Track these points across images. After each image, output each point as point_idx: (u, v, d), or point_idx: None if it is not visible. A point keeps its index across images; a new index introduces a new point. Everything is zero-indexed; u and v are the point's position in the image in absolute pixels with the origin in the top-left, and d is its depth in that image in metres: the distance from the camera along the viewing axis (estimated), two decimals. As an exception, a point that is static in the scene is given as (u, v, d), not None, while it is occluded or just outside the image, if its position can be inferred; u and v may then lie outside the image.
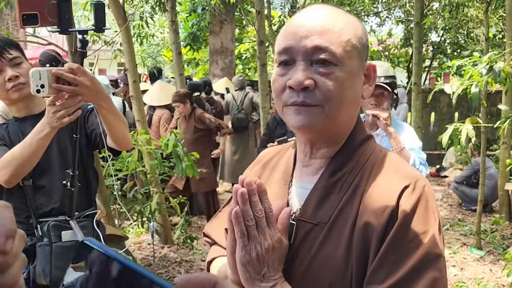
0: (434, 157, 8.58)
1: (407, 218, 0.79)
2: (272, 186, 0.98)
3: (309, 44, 0.82)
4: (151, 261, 4.02)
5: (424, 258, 0.77)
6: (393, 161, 0.90)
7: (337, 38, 0.82)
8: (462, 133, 3.26)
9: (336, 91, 0.82)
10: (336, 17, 0.85)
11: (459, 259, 4.40)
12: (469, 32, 9.88)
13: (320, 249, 0.85)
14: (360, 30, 0.87)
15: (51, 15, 1.53)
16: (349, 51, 0.83)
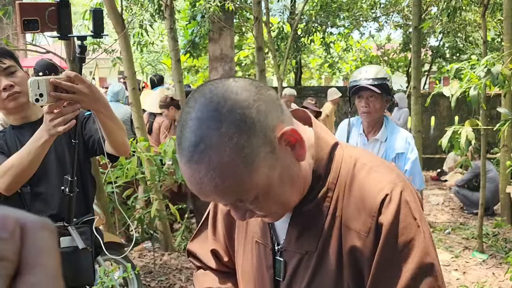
0: (435, 161, 8.57)
1: (391, 233, 0.77)
2: (253, 219, 0.93)
3: (221, 203, 0.79)
4: (151, 269, 4.00)
5: (417, 269, 0.76)
6: (365, 169, 0.83)
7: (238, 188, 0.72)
8: (461, 135, 3.25)
9: (272, 209, 0.79)
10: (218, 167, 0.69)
11: (462, 263, 4.38)
12: (468, 36, 9.90)
13: (313, 278, 0.83)
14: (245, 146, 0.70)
15: (51, 21, 1.54)
16: (257, 181, 0.72)
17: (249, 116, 0.70)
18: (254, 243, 0.93)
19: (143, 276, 3.80)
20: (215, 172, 0.69)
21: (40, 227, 0.27)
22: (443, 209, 6.30)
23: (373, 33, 11.27)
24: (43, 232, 0.27)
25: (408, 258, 0.77)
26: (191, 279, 3.85)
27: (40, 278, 0.25)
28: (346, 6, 9.40)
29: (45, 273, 0.26)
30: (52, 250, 0.27)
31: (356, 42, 12.53)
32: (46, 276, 0.26)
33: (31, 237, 0.26)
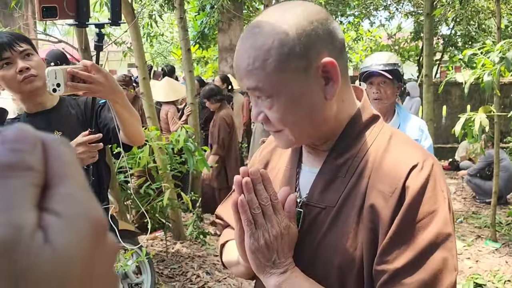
0: (446, 150, 8.49)
1: (416, 198, 0.78)
2: (281, 170, 0.99)
3: (245, 87, 0.85)
4: (164, 257, 4.04)
5: (434, 238, 0.77)
6: (400, 142, 0.88)
7: (261, 74, 0.80)
8: (475, 122, 3.22)
9: (283, 119, 0.84)
10: (257, 48, 0.80)
11: (474, 251, 4.35)
12: (480, 23, 9.75)
13: (327, 233, 0.86)
14: (287, 46, 0.79)
15: (70, 8, 1.54)
16: (279, 79, 0.80)
17: (306, 27, 0.79)
18: None
19: (155, 264, 3.84)
20: (254, 51, 0.80)
21: (60, 143, 0.27)
22: (455, 198, 6.25)
23: (383, 22, 11.14)
24: (64, 147, 0.27)
25: (428, 226, 0.78)
26: (203, 266, 3.88)
27: (70, 189, 0.26)
28: (357, -5, 9.30)
29: (74, 183, 0.26)
30: (76, 163, 0.27)
31: (367, 31, 12.40)
32: (76, 187, 0.26)
33: (53, 151, 0.26)
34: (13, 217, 0.23)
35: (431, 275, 0.76)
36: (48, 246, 0.23)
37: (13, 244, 0.22)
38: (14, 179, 0.24)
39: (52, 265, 0.23)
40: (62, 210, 0.25)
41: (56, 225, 0.24)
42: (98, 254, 0.26)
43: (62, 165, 0.26)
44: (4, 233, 0.22)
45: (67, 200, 0.25)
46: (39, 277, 0.23)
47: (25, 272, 0.22)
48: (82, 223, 0.25)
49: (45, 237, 0.23)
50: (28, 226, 0.23)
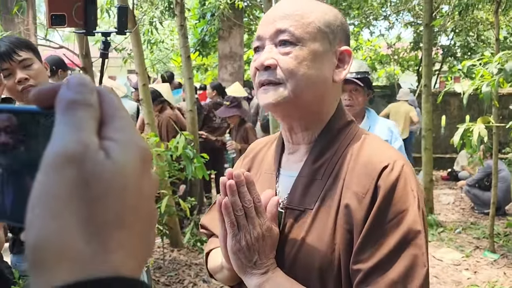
0: (445, 160, 8.50)
1: (387, 198, 0.82)
2: (261, 177, 1.02)
3: (273, 29, 0.88)
4: (161, 264, 4.02)
5: (405, 236, 0.80)
6: (373, 144, 0.92)
7: (298, 21, 0.88)
8: (473, 132, 3.22)
9: (295, 68, 0.86)
10: (304, 3, 0.91)
11: (472, 262, 4.33)
12: (479, 34, 9.81)
13: (307, 235, 0.88)
14: (330, 16, 0.91)
15: (78, 17, 1.56)
16: (311, 32, 0.88)
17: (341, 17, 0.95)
18: None
19: (152, 271, 3.82)
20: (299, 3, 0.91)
21: (110, 91, 0.33)
22: (453, 208, 6.25)
23: (383, 32, 11.20)
24: (113, 95, 0.33)
25: (399, 225, 0.81)
26: (200, 274, 3.86)
27: (121, 123, 0.31)
28: (357, 4, 9.35)
29: (124, 120, 0.32)
30: (123, 107, 0.33)
31: (367, 41, 12.46)
32: (126, 122, 0.32)
33: (106, 96, 0.32)
34: (82, 137, 0.29)
35: (403, 272, 0.79)
36: (109, 160, 0.29)
37: (83, 155, 0.28)
38: (80, 111, 0.30)
39: (113, 174, 0.29)
40: (117, 137, 0.30)
41: (114, 147, 0.30)
42: (145, 176, 0.31)
43: (113, 107, 0.32)
44: (76, 148, 0.28)
45: (120, 131, 0.31)
46: (104, 181, 0.28)
47: (93, 177, 0.28)
48: (134, 148, 0.31)
49: (106, 154, 0.29)
50: (93, 145, 0.29)
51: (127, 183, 0.29)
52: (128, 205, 0.29)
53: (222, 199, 0.84)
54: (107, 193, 0.28)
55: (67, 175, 0.28)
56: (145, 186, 0.31)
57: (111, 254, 0.28)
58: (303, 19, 0.88)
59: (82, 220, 0.28)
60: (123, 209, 0.29)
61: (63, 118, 0.29)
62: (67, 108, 0.30)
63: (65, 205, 0.27)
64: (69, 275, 0.27)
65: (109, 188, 0.28)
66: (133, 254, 0.30)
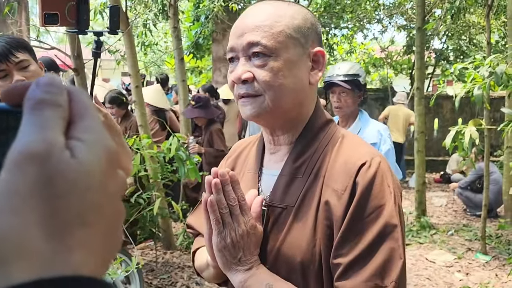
0: (438, 163, 8.55)
1: (365, 194, 0.85)
2: (245, 176, 1.05)
3: (244, 41, 0.88)
4: (153, 267, 4.00)
5: (382, 230, 0.83)
6: (352, 142, 0.95)
7: (268, 31, 0.87)
8: (465, 135, 3.24)
9: (272, 80, 0.87)
10: (271, 11, 0.90)
11: (465, 264, 4.36)
12: (472, 38, 9.88)
13: (289, 231, 0.91)
14: (299, 20, 0.91)
15: (70, 16, 1.56)
16: (283, 41, 0.88)
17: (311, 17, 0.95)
18: None
19: (145, 274, 3.80)
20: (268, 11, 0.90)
21: (81, 91, 0.33)
22: (446, 210, 6.28)
23: (376, 35, 11.25)
24: (84, 95, 0.33)
25: (376, 219, 0.84)
26: (194, 277, 3.85)
27: (90, 123, 0.31)
28: (350, 8, 9.39)
29: (93, 120, 0.32)
30: (94, 107, 0.33)
31: (360, 44, 12.51)
32: (94, 122, 0.32)
33: (76, 96, 0.32)
34: (47, 136, 0.29)
35: (381, 265, 0.82)
36: (74, 160, 0.29)
37: (47, 155, 0.28)
38: (47, 111, 0.30)
39: (78, 174, 0.29)
40: (84, 137, 0.31)
41: (80, 147, 0.30)
42: (111, 176, 0.31)
43: (83, 107, 0.32)
44: (40, 146, 0.28)
45: (88, 131, 0.31)
46: (67, 180, 0.28)
47: (56, 176, 0.28)
48: (100, 148, 0.31)
49: (72, 154, 0.29)
50: (58, 144, 0.29)
51: (92, 182, 0.30)
52: (91, 204, 0.29)
53: (207, 197, 0.86)
54: (70, 191, 0.28)
55: (29, 172, 0.28)
56: (110, 186, 0.31)
57: (71, 253, 0.28)
58: (273, 29, 0.88)
59: (42, 218, 0.27)
60: (86, 208, 0.29)
61: (29, 117, 0.30)
62: (34, 107, 0.30)
63: (26, 202, 0.27)
64: (27, 273, 0.26)
65: (73, 187, 0.29)
66: (95, 253, 0.29)
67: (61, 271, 0.27)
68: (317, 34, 0.95)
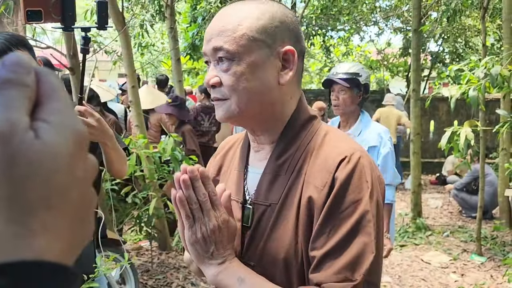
0: (433, 165, 8.57)
1: (342, 189, 0.86)
2: (232, 173, 1.06)
3: (211, 47, 0.90)
4: (149, 267, 3.99)
5: (356, 224, 0.85)
6: (333, 139, 0.95)
7: (230, 36, 0.88)
8: (460, 136, 3.26)
9: (235, 84, 0.89)
10: (235, 14, 0.90)
11: (460, 265, 4.37)
12: (467, 41, 9.93)
13: (273, 229, 0.93)
14: (264, 20, 0.89)
15: (55, 12, 1.54)
16: (245, 45, 0.88)
17: (280, 16, 0.91)
18: None
19: (140, 274, 3.79)
20: (231, 15, 0.89)
21: (49, 72, 0.32)
22: (441, 212, 6.29)
23: (373, 38, 11.29)
24: (52, 76, 0.32)
25: (352, 214, 0.85)
26: (189, 277, 3.84)
27: (58, 105, 0.31)
28: (347, 10, 9.42)
29: (61, 102, 0.31)
30: (63, 88, 0.32)
31: (357, 46, 12.55)
32: (63, 104, 0.31)
33: (44, 77, 0.31)
34: (10, 115, 0.28)
35: (352, 258, 0.84)
36: (38, 140, 0.28)
37: (10, 135, 0.27)
38: (12, 91, 0.29)
39: (42, 155, 0.28)
40: (50, 119, 0.29)
41: (46, 128, 0.29)
42: (79, 159, 0.30)
43: (51, 88, 0.31)
44: (3, 126, 0.27)
45: (55, 113, 0.30)
46: (30, 162, 0.27)
47: (19, 156, 0.27)
48: (68, 130, 0.30)
49: (36, 135, 0.28)
50: (22, 124, 0.28)
51: (57, 165, 0.28)
52: (57, 187, 0.28)
53: (176, 193, 0.87)
54: (33, 173, 0.27)
55: None
56: (78, 170, 0.30)
57: (35, 237, 0.27)
58: (235, 33, 0.88)
59: (3, 200, 0.26)
60: (51, 190, 0.28)
61: None
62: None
63: None
64: None
65: (37, 168, 0.28)
66: (61, 239, 0.28)
67: (23, 255, 0.26)
68: (290, 31, 0.93)
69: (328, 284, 0.84)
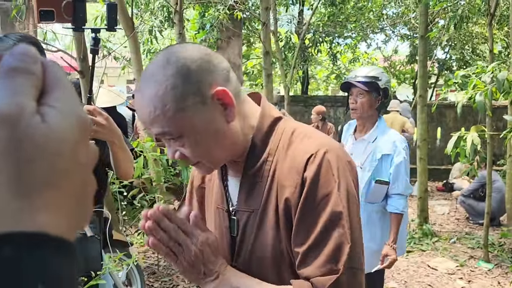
0: (440, 172, 8.53)
1: (312, 186, 0.90)
2: (215, 183, 1.09)
3: (154, 133, 0.91)
4: (155, 269, 4.01)
5: (329, 218, 0.89)
6: (300, 136, 0.97)
7: (164, 119, 0.86)
8: (467, 141, 3.26)
9: (197, 153, 0.91)
10: (153, 99, 0.86)
11: (467, 271, 4.34)
12: (475, 48, 9.92)
13: (258, 233, 0.98)
14: (181, 85, 0.85)
15: (67, 13, 1.59)
16: (182, 119, 0.86)
17: (190, 66, 0.87)
18: (215, 209, 1.08)
19: (146, 276, 3.81)
20: (151, 101, 0.86)
21: (54, 64, 0.34)
22: (448, 218, 6.26)
23: (380, 45, 11.32)
24: (58, 67, 0.34)
25: (324, 209, 0.90)
26: (195, 280, 3.85)
27: (64, 93, 0.32)
28: (354, 17, 9.45)
29: (66, 90, 0.32)
30: (67, 79, 0.34)
31: (364, 53, 12.58)
32: (67, 93, 0.32)
33: (50, 68, 0.33)
34: (18, 100, 0.29)
35: (332, 251, 0.89)
36: (44, 124, 0.29)
37: (18, 117, 0.28)
38: (20, 78, 0.30)
39: (47, 139, 0.29)
40: (56, 105, 0.31)
41: (51, 113, 0.30)
42: (81, 145, 0.31)
43: (56, 78, 0.32)
44: (10, 109, 0.29)
45: (60, 100, 0.31)
46: (36, 145, 0.29)
47: (26, 138, 0.28)
48: (72, 116, 0.31)
49: (43, 119, 0.30)
50: (29, 108, 0.29)
51: (61, 148, 0.30)
52: (60, 169, 0.30)
53: (148, 239, 0.90)
54: (39, 155, 0.29)
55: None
56: (80, 154, 0.31)
57: (38, 212, 0.28)
58: (166, 115, 0.85)
59: (10, 179, 0.28)
60: (55, 172, 0.29)
61: (2, 82, 0.30)
62: (7, 74, 0.30)
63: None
64: None
65: (42, 151, 0.29)
66: (62, 215, 0.30)
67: (27, 227, 0.28)
68: (210, 73, 0.89)
69: (315, 278, 0.89)
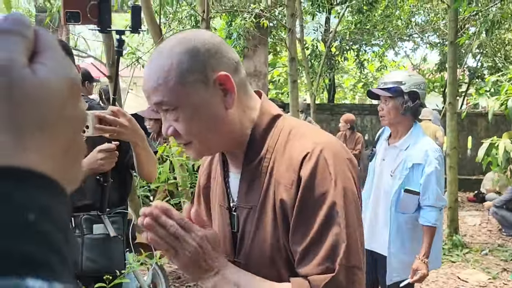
0: (471, 182, 8.30)
1: (308, 185, 0.90)
2: (219, 179, 1.10)
3: (152, 101, 0.93)
4: (180, 274, 4.02)
5: (326, 217, 0.89)
6: (297, 135, 0.98)
7: (165, 89, 0.90)
8: (499, 148, 3.16)
9: (189, 129, 0.93)
10: (159, 69, 0.91)
11: (499, 284, 4.18)
12: (507, 55, 9.66)
13: (257, 228, 0.99)
14: (188, 60, 0.90)
15: (92, 15, 1.63)
16: (181, 92, 0.90)
17: (199, 48, 0.91)
18: (218, 207, 1.09)
19: (171, 281, 3.83)
20: (156, 72, 0.90)
21: (47, 32, 0.34)
22: (480, 230, 6.07)
23: (408, 53, 11.16)
24: (49, 34, 0.34)
25: (320, 208, 0.90)
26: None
27: (54, 54, 0.33)
28: (381, 25, 9.37)
29: (58, 53, 0.33)
30: (58, 45, 0.34)
31: (391, 61, 12.43)
32: (59, 55, 0.33)
33: (42, 35, 0.34)
34: (10, 54, 0.30)
35: (329, 250, 0.89)
36: (35, 76, 0.30)
37: (8, 68, 0.29)
38: (13, 38, 0.31)
39: (37, 89, 0.30)
40: (47, 63, 0.32)
41: (42, 68, 0.31)
42: (70, 103, 0.32)
43: (48, 41, 0.34)
44: (2, 60, 0.29)
45: (51, 59, 0.32)
46: (26, 94, 0.30)
47: (16, 87, 0.29)
48: (62, 73, 0.32)
49: (33, 72, 0.31)
50: (20, 61, 0.30)
51: (50, 99, 0.31)
52: (48, 117, 0.30)
53: (147, 235, 0.91)
54: (29, 102, 0.30)
55: None
56: (69, 110, 0.32)
57: (28, 151, 0.29)
58: (168, 85, 0.89)
59: (3, 117, 0.29)
60: (43, 119, 0.30)
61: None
62: (1, 34, 0.31)
63: None
64: None
65: (31, 100, 0.30)
66: (53, 160, 0.31)
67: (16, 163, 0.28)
68: (217, 58, 0.93)
69: (312, 277, 0.89)
